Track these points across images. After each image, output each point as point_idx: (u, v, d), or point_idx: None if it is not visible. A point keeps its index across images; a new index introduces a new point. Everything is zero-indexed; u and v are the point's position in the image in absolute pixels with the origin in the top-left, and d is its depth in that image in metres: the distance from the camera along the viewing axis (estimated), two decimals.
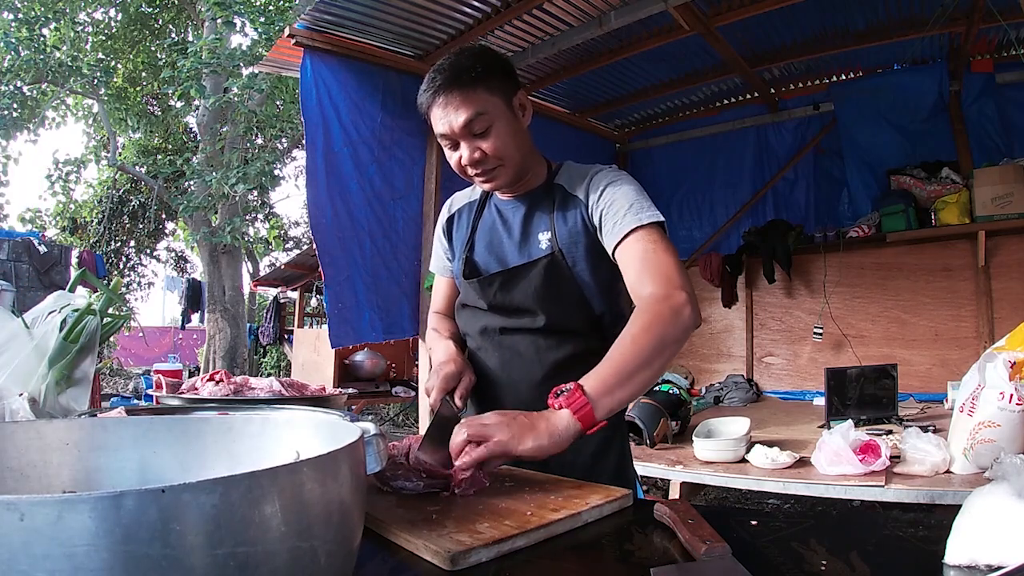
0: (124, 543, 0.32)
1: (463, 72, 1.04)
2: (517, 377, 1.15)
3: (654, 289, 0.96)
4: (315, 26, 3.07)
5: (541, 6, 3.03)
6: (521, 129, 1.11)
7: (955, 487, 1.81)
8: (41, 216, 12.60)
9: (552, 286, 1.11)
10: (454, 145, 1.08)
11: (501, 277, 1.14)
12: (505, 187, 1.15)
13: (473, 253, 1.21)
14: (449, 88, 1.04)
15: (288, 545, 0.38)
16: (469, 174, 1.11)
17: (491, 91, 1.05)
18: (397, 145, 3.53)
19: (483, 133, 1.05)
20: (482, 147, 1.06)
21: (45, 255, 6.47)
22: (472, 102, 1.03)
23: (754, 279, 4.55)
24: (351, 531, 0.46)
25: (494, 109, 1.05)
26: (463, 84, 1.03)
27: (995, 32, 3.51)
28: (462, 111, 1.03)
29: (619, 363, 0.88)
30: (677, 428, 2.73)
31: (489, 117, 1.05)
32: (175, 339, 14.43)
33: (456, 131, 1.05)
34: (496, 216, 1.21)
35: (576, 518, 0.70)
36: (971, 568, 0.53)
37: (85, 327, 1.04)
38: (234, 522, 0.35)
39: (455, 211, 1.30)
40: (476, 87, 1.04)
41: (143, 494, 0.32)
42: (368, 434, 0.51)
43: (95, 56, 9.82)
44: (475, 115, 1.03)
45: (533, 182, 1.18)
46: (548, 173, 1.19)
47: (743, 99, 4.73)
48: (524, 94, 1.12)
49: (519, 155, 1.10)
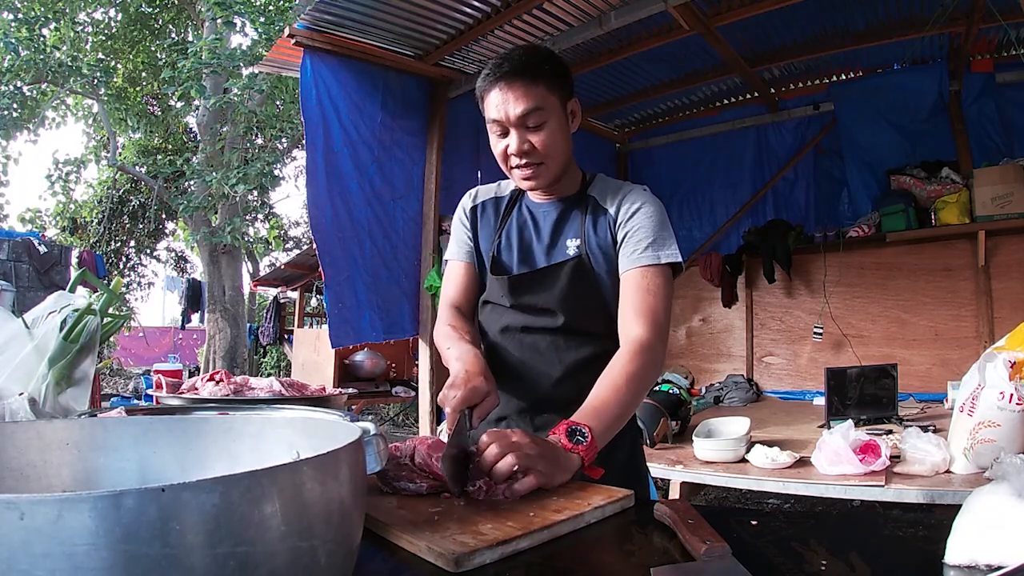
0: (124, 542, 0.32)
1: (531, 66, 1.08)
2: (536, 375, 1.17)
3: (644, 333, 1.05)
4: (315, 26, 3.07)
5: (541, 6, 3.03)
6: (568, 133, 1.14)
7: (955, 487, 1.81)
8: (41, 216, 12.60)
9: (576, 289, 1.15)
10: (504, 133, 1.11)
11: (529, 277, 1.17)
12: (543, 187, 1.17)
13: (500, 251, 1.23)
14: (514, 77, 1.07)
15: (288, 545, 0.38)
16: (512, 164, 1.13)
17: (551, 90, 1.09)
18: (397, 145, 3.53)
19: (536, 127, 1.09)
20: (532, 140, 1.09)
21: (45, 255, 6.47)
22: (533, 95, 1.07)
23: (754, 279, 4.55)
24: (351, 531, 0.46)
25: (551, 107, 1.09)
26: (528, 76, 1.07)
27: (995, 32, 3.51)
28: (522, 102, 1.06)
29: (615, 411, 0.97)
30: (677, 428, 2.73)
31: (545, 113, 1.08)
32: (175, 339, 14.43)
33: (512, 119, 1.08)
34: (528, 217, 1.23)
35: (579, 519, 0.70)
36: (971, 568, 0.53)
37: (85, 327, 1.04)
38: (234, 522, 0.35)
39: (479, 202, 1.29)
40: (539, 82, 1.07)
41: (143, 493, 0.32)
42: (368, 434, 0.51)
43: (95, 56, 9.82)
44: (533, 108, 1.07)
45: (567, 189, 1.21)
46: (582, 182, 1.23)
47: (743, 99, 4.73)
48: (577, 103, 1.16)
49: (563, 158, 1.14)
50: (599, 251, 1.15)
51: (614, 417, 0.96)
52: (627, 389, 0.98)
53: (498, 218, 1.26)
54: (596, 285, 1.15)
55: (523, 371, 1.18)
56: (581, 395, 1.07)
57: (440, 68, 3.54)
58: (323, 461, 0.41)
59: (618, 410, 0.97)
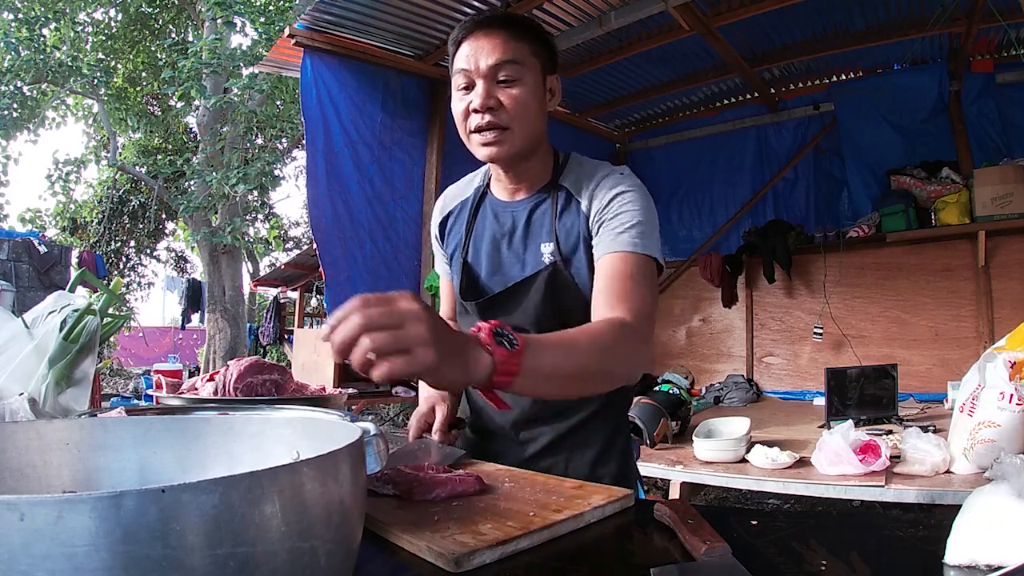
0: (124, 543, 0.32)
1: (517, 22, 0.99)
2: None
3: (627, 318, 0.86)
4: (315, 26, 3.08)
5: (541, 6, 3.04)
6: (543, 106, 1.02)
7: (955, 487, 1.81)
8: (41, 216, 12.59)
9: (551, 303, 1.03)
10: (469, 86, 0.98)
11: (498, 299, 1.06)
12: (503, 159, 1.01)
13: (469, 266, 1.11)
14: (495, 26, 0.97)
15: (288, 545, 0.38)
16: (472, 127, 0.98)
17: (533, 53, 0.99)
18: (397, 145, 3.53)
19: (508, 82, 0.96)
20: (500, 97, 0.96)
21: (45, 255, 6.47)
22: (512, 48, 0.96)
23: (754, 279, 4.55)
24: (351, 531, 0.46)
25: (529, 67, 0.98)
26: (510, 30, 0.97)
27: (995, 32, 3.51)
28: (498, 51, 0.95)
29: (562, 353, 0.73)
30: (677, 428, 2.73)
31: (521, 70, 0.96)
32: (175, 339, 14.42)
33: (481, 69, 0.95)
34: (493, 221, 1.10)
35: (579, 519, 0.70)
36: (971, 568, 0.53)
37: (85, 327, 1.04)
38: (234, 522, 0.35)
39: (448, 212, 1.19)
40: (521, 39, 0.97)
41: (143, 494, 0.32)
42: (369, 434, 0.51)
43: (95, 56, 9.82)
44: (509, 60, 0.95)
45: (537, 178, 1.07)
46: (554, 168, 1.07)
47: (743, 99, 4.74)
48: (558, 81, 1.05)
49: (531, 129, 0.99)
50: (574, 254, 1.01)
51: (559, 357, 0.72)
52: (588, 345, 0.77)
53: (465, 224, 1.14)
54: (574, 294, 1.02)
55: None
56: (565, 409, 1.06)
57: (440, 68, 3.54)
58: (323, 461, 0.41)
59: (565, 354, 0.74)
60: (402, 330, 0.56)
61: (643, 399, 2.70)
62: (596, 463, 1.07)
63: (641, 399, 2.70)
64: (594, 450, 1.08)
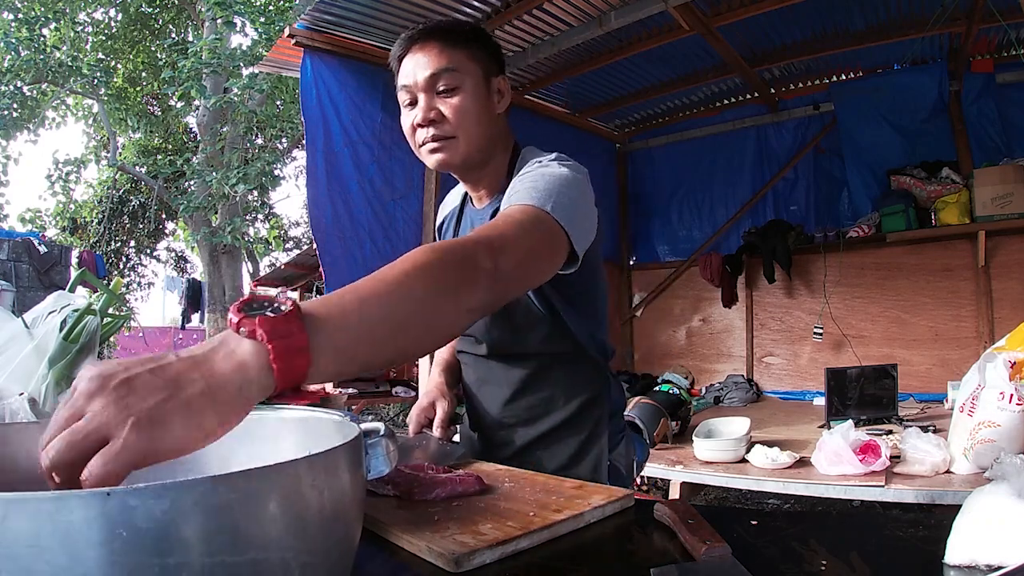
0: (122, 542, 0.32)
1: (451, 31, 0.98)
2: (488, 393, 1.11)
3: (473, 237, 0.69)
4: (315, 26, 3.08)
5: (541, 6, 3.03)
6: (490, 111, 1.00)
7: (955, 487, 1.81)
8: (41, 216, 12.59)
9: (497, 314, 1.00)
10: (413, 102, 0.98)
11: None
12: (455, 166, 1.01)
13: None
14: (429, 38, 0.97)
15: (287, 544, 0.38)
16: (419, 140, 0.99)
17: (471, 59, 0.98)
18: (397, 145, 3.53)
19: (447, 92, 0.96)
20: (440, 107, 0.96)
21: (45, 255, 6.47)
22: (447, 56, 0.96)
23: (754, 279, 4.55)
24: (350, 531, 0.46)
25: (468, 73, 0.97)
26: (445, 39, 0.97)
27: (995, 32, 3.51)
28: (434, 62, 0.95)
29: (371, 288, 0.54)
30: (677, 428, 2.74)
31: (459, 77, 0.96)
32: (175, 339, 14.40)
33: (420, 83, 0.96)
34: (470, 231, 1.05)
35: (579, 518, 0.70)
36: (971, 568, 0.53)
37: (85, 327, 1.04)
38: (232, 521, 0.35)
39: (441, 222, 1.22)
40: (456, 47, 0.97)
41: (140, 493, 0.32)
42: (377, 435, 0.50)
43: (95, 56, 9.83)
44: (445, 69, 0.95)
45: (494, 183, 1.06)
46: (509, 170, 1.04)
47: (743, 99, 4.74)
48: (506, 82, 1.04)
49: (478, 134, 0.98)
50: None
51: (356, 296, 0.53)
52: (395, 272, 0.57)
53: (452, 235, 1.15)
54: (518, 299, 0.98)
55: (479, 389, 1.14)
56: (532, 414, 1.07)
57: None
58: (322, 461, 0.41)
59: (371, 287, 0.54)
60: (80, 421, 0.38)
61: (643, 399, 2.70)
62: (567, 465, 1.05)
63: (641, 399, 2.70)
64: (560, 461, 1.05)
